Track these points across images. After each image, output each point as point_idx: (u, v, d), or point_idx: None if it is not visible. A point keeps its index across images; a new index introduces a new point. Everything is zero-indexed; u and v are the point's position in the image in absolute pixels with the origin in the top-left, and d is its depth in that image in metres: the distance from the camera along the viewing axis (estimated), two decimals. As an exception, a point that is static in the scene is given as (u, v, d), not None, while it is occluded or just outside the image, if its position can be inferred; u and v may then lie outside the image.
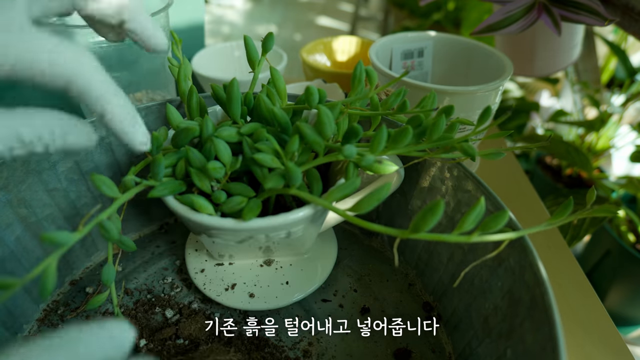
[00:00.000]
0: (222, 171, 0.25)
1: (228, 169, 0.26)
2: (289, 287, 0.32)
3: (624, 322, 0.87)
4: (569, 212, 0.22)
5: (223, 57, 0.59)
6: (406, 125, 0.25)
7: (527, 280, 0.23)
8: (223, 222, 0.25)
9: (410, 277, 0.35)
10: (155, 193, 0.25)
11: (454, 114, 0.39)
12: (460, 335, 0.29)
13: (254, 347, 0.29)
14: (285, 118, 0.26)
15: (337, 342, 0.30)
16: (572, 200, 0.21)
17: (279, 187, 0.24)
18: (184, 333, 0.29)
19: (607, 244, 0.83)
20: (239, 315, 0.32)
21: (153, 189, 0.25)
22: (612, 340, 0.34)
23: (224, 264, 0.33)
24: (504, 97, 1.09)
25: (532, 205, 0.47)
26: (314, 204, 0.25)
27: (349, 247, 0.38)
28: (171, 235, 0.39)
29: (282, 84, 0.30)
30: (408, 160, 0.31)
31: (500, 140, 0.59)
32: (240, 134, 0.27)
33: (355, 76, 0.28)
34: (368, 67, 0.28)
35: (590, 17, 0.40)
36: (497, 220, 0.20)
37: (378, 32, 2.25)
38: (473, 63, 0.47)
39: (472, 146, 0.24)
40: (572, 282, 0.38)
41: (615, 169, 1.04)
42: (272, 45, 0.31)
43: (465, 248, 0.29)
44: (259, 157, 0.23)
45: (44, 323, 0.31)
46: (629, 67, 0.87)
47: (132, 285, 0.34)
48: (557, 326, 0.19)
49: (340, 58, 0.64)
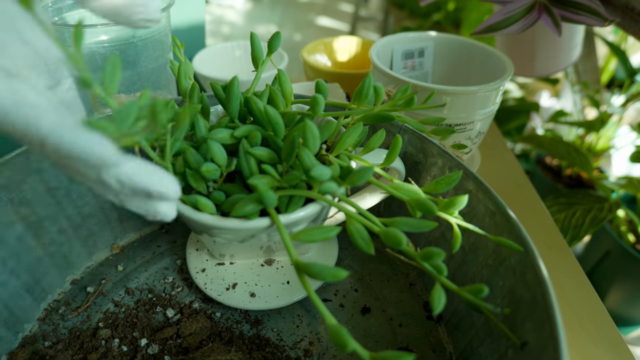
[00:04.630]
0: (217, 173, 0.25)
1: (223, 170, 0.26)
2: (289, 286, 0.32)
3: (624, 322, 0.87)
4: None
5: (224, 57, 0.59)
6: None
7: (528, 280, 0.23)
8: (225, 221, 0.25)
9: (411, 277, 0.35)
10: None
11: (455, 114, 0.40)
12: (461, 334, 0.29)
13: (254, 346, 0.29)
14: (278, 121, 0.26)
15: (338, 342, 0.30)
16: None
17: (257, 211, 0.24)
18: (185, 332, 0.29)
19: (607, 244, 0.83)
20: (239, 315, 0.32)
21: None
22: (612, 340, 0.34)
23: (225, 264, 0.34)
24: (504, 97, 1.10)
25: (532, 205, 0.47)
26: (315, 204, 0.25)
27: (349, 246, 0.38)
28: (172, 235, 0.39)
29: (289, 87, 0.30)
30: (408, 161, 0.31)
31: (500, 140, 0.59)
32: (234, 137, 0.27)
33: (362, 91, 0.28)
34: (377, 83, 0.28)
35: (591, 17, 0.40)
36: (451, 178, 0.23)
37: (378, 32, 2.25)
38: (473, 63, 0.47)
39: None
40: (573, 282, 0.38)
41: (615, 169, 1.04)
42: (278, 45, 0.30)
43: (465, 248, 0.29)
44: (253, 182, 0.23)
45: (45, 322, 0.31)
46: (629, 68, 0.87)
47: (133, 285, 0.34)
48: (558, 325, 0.19)
49: (341, 58, 0.64)
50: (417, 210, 0.24)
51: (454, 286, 0.21)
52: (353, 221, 0.23)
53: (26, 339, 0.30)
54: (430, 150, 0.32)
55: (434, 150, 0.32)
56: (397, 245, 0.21)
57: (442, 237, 0.32)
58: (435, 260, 0.21)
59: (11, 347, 0.29)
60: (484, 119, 0.41)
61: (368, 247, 0.22)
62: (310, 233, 0.22)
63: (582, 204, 0.73)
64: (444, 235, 0.32)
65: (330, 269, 0.20)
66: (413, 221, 0.23)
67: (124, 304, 0.32)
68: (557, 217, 0.72)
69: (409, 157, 0.34)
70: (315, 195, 0.23)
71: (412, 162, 0.34)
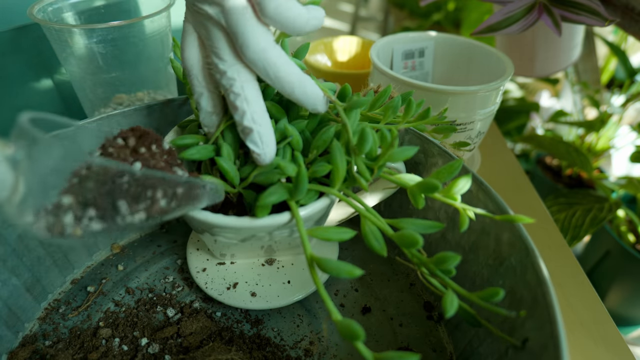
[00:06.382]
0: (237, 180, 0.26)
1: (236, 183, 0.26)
2: (290, 286, 0.32)
3: (624, 322, 0.87)
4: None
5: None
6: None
7: (529, 280, 0.23)
8: (227, 220, 0.25)
9: (411, 277, 0.35)
10: (188, 154, 0.26)
11: (455, 114, 0.40)
12: (461, 334, 0.29)
13: (255, 346, 0.29)
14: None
15: (338, 342, 0.30)
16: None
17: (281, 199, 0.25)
18: (186, 332, 0.29)
19: (607, 244, 0.83)
20: (240, 315, 0.32)
21: (188, 150, 0.26)
22: (612, 339, 0.34)
23: (225, 263, 0.34)
24: (504, 97, 1.10)
25: (532, 205, 0.47)
26: (326, 197, 0.26)
27: (350, 247, 0.38)
28: (172, 234, 0.39)
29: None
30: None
31: (500, 140, 0.59)
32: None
33: (392, 105, 0.29)
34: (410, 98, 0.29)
35: (591, 17, 0.40)
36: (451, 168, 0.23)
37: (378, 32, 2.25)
38: (474, 63, 0.47)
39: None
40: (573, 282, 0.38)
41: (615, 169, 1.04)
42: (304, 55, 0.31)
43: (466, 248, 0.29)
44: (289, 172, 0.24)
45: (45, 321, 0.31)
46: (629, 68, 0.87)
47: (134, 285, 0.34)
48: (559, 325, 0.19)
49: (341, 58, 0.64)
50: (421, 192, 0.24)
51: (464, 291, 0.21)
52: (368, 222, 0.23)
53: (26, 338, 0.30)
54: (430, 150, 0.32)
55: (434, 150, 0.32)
56: (412, 246, 0.21)
57: (443, 238, 0.32)
58: (450, 264, 0.21)
59: (11, 346, 0.29)
60: (484, 119, 0.41)
61: (381, 248, 0.22)
62: (327, 231, 0.22)
63: (582, 204, 0.73)
64: (444, 236, 0.32)
65: (345, 265, 0.20)
66: (421, 222, 0.23)
67: (124, 304, 0.32)
68: (557, 217, 0.72)
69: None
70: (334, 192, 0.24)
71: (413, 162, 0.34)
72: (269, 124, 0.25)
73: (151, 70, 0.44)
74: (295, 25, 0.23)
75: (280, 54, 0.24)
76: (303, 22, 0.23)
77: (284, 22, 0.23)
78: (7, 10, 0.43)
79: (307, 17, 0.23)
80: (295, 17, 0.23)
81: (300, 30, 0.24)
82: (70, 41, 0.39)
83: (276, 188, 0.24)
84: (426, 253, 0.34)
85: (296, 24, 0.23)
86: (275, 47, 0.24)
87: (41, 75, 0.47)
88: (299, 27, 0.24)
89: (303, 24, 0.23)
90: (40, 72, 0.47)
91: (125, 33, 0.40)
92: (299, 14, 0.23)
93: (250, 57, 0.23)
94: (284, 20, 0.23)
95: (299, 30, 0.24)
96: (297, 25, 0.23)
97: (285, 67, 0.24)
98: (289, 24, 0.23)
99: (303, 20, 0.23)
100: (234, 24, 0.23)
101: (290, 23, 0.23)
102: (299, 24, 0.23)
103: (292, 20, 0.23)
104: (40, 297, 0.32)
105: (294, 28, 0.23)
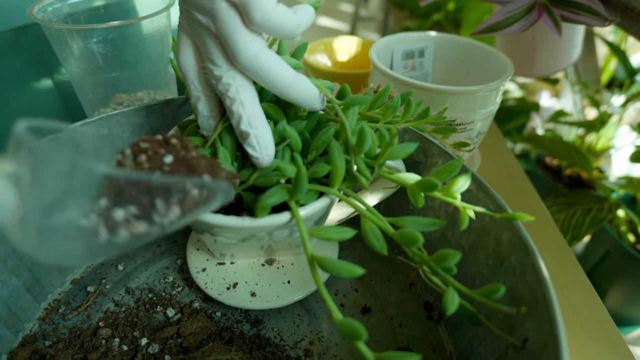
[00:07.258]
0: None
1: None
2: (290, 286, 0.32)
3: (624, 322, 0.87)
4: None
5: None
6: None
7: (529, 280, 0.23)
8: (226, 220, 0.25)
9: (411, 276, 0.35)
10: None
11: (455, 114, 0.40)
12: (461, 334, 0.29)
13: (255, 346, 0.29)
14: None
15: (338, 342, 0.30)
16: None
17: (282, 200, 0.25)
18: (186, 332, 0.29)
19: (607, 244, 0.83)
20: (240, 315, 0.32)
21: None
22: (612, 339, 0.34)
23: (225, 263, 0.34)
24: (504, 97, 1.10)
25: (532, 205, 0.47)
26: (326, 197, 0.26)
27: (350, 246, 0.38)
28: (172, 234, 0.39)
29: None
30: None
31: (500, 140, 0.59)
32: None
33: (392, 105, 0.29)
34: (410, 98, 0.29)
35: (591, 17, 0.40)
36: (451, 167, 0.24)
37: (378, 32, 2.25)
38: (474, 63, 0.47)
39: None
40: (573, 282, 0.38)
41: (615, 169, 1.04)
42: (302, 55, 0.31)
43: (466, 248, 0.29)
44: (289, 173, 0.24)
45: (45, 321, 0.31)
46: (629, 68, 0.87)
47: (134, 285, 0.34)
48: (559, 324, 0.19)
49: (341, 58, 0.64)
50: (420, 191, 0.24)
51: (465, 288, 0.21)
52: (368, 221, 0.23)
53: (26, 338, 0.30)
54: (430, 150, 0.32)
55: (434, 150, 0.32)
56: (413, 244, 0.21)
57: (443, 237, 0.32)
58: (450, 262, 0.21)
59: (11, 346, 0.29)
60: (484, 119, 0.41)
61: (382, 247, 0.22)
62: (327, 231, 0.22)
63: (582, 204, 0.73)
64: (445, 235, 0.32)
65: (346, 264, 0.20)
66: (421, 220, 0.23)
67: (124, 304, 0.32)
68: (557, 217, 0.72)
69: (409, 156, 0.34)
70: (334, 192, 0.24)
71: (412, 162, 0.34)
72: (267, 127, 0.25)
73: (151, 70, 0.44)
74: (285, 30, 0.23)
75: (272, 58, 0.24)
76: (293, 27, 0.23)
77: (273, 29, 0.23)
78: (7, 10, 0.43)
79: (296, 21, 0.23)
80: (284, 23, 0.23)
81: (292, 35, 0.24)
82: (70, 41, 0.39)
83: (276, 189, 0.24)
84: (426, 251, 0.34)
85: (286, 30, 0.23)
86: (267, 51, 0.24)
87: (41, 75, 0.47)
88: (289, 32, 0.23)
89: (293, 28, 0.23)
90: (40, 72, 0.47)
91: (125, 33, 0.40)
92: (288, 19, 0.23)
93: (242, 64, 0.23)
94: (273, 27, 0.23)
95: (290, 35, 0.24)
96: (287, 30, 0.23)
97: (278, 71, 0.24)
98: (279, 30, 0.23)
99: (293, 25, 0.23)
100: (224, 32, 0.23)
101: (280, 29, 0.23)
102: (289, 29, 0.23)
103: (281, 26, 0.23)
104: (40, 297, 0.32)
105: (285, 33, 0.23)
